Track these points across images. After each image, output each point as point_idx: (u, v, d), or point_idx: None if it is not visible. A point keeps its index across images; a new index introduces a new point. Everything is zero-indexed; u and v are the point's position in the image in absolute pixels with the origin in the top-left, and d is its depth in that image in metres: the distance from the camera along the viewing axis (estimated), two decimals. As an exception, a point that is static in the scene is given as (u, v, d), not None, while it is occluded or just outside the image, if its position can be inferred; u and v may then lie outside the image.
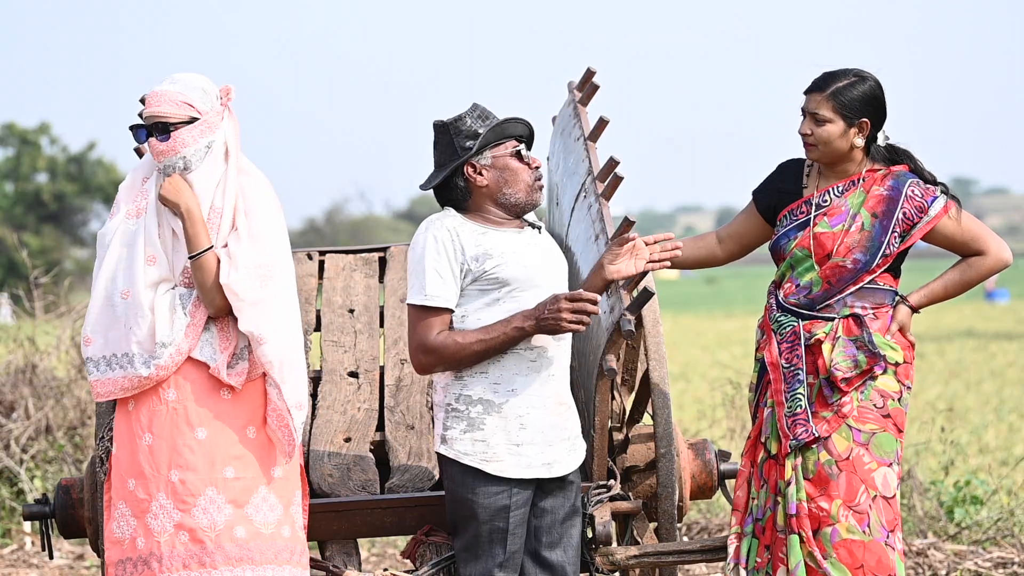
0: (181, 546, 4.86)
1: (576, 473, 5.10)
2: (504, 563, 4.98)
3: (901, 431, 5.20)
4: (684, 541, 5.46)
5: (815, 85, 5.21)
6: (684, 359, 23.53)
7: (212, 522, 4.88)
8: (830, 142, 5.18)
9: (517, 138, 5.02)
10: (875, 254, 5.17)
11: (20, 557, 9.22)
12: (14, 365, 10.49)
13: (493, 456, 4.94)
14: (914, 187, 5.19)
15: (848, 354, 5.15)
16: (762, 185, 5.39)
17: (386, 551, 9.18)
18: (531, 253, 5.00)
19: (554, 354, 4.98)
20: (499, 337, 4.90)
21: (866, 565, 5.08)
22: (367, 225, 68.29)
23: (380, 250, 6.67)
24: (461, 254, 4.93)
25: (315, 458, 5.62)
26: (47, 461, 9.99)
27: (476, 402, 4.94)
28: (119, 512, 4.93)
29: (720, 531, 8.91)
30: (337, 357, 6.11)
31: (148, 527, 4.88)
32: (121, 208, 4.98)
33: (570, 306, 4.86)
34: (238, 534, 4.90)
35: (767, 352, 5.27)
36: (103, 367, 4.93)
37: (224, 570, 4.87)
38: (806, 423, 5.14)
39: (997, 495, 9.15)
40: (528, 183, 5.00)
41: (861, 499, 5.11)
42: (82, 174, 52.47)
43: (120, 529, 4.92)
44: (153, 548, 4.87)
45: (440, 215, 5.01)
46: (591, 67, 6.47)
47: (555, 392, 4.99)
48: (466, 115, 5.00)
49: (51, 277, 11.79)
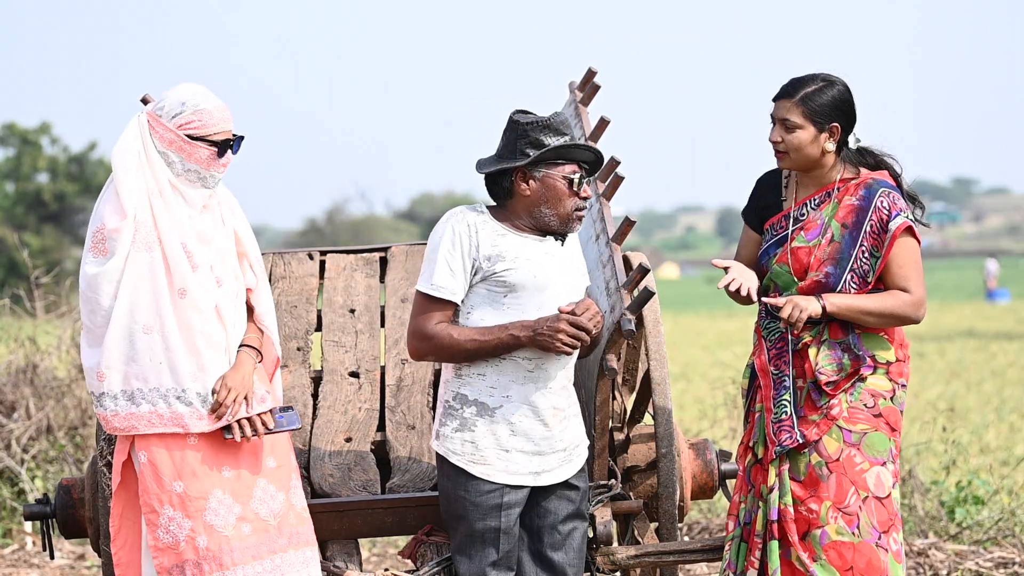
0: (247, 537, 4.91)
1: (582, 477, 5.10)
2: (498, 562, 4.98)
3: (895, 430, 5.18)
4: (685, 541, 5.46)
5: (783, 92, 5.17)
6: (685, 359, 23.53)
7: (271, 511, 4.96)
8: (801, 148, 5.15)
9: (580, 164, 4.98)
10: (845, 267, 5.12)
11: (21, 557, 9.22)
12: (15, 365, 10.49)
13: (481, 459, 4.95)
14: (883, 198, 5.13)
15: (834, 357, 5.13)
16: (747, 205, 5.38)
17: (387, 551, 9.18)
18: (545, 263, 4.98)
19: (553, 368, 4.98)
20: (493, 341, 4.90)
21: (856, 567, 5.07)
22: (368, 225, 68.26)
23: (381, 250, 6.67)
24: (476, 250, 4.94)
25: (316, 458, 5.62)
26: (48, 461, 9.99)
27: (471, 403, 4.96)
28: (165, 518, 4.89)
29: (720, 531, 8.91)
30: (338, 357, 6.11)
31: (210, 524, 4.89)
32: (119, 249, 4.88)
33: (569, 329, 4.87)
34: (291, 519, 4.99)
35: (757, 358, 5.27)
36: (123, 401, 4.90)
37: (291, 553, 4.96)
38: (791, 429, 5.13)
39: (998, 495, 9.15)
40: (567, 211, 4.97)
41: (851, 501, 5.09)
42: (83, 174, 52.45)
43: (171, 534, 4.89)
44: (221, 543, 4.88)
45: (466, 208, 5.03)
46: (592, 67, 6.48)
47: (551, 404, 4.99)
48: (540, 121, 4.94)
49: (52, 277, 11.80)
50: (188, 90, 4.99)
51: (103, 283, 4.89)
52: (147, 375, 4.88)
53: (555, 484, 5.03)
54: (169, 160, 4.96)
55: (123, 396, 4.89)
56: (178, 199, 4.97)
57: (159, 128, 4.96)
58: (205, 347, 4.91)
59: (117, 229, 4.89)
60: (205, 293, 4.93)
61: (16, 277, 35.69)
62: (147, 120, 4.98)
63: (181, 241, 4.93)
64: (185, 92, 4.98)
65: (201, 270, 4.94)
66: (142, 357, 4.87)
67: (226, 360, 4.95)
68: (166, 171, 4.96)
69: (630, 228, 5.40)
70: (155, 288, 4.89)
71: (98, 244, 4.92)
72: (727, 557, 5.25)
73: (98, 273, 4.89)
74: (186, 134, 4.93)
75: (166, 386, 4.88)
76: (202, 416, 4.88)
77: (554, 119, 4.95)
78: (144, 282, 4.89)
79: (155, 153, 4.97)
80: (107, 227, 4.90)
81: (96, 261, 4.91)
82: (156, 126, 4.96)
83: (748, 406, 5.33)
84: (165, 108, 4.97)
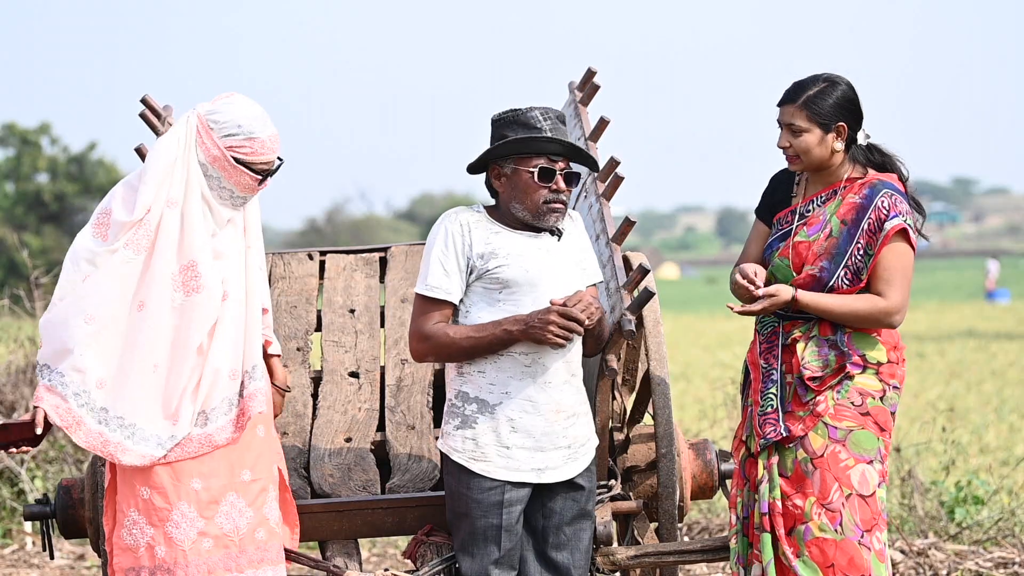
0: (206, 553, 4.84)
1: (588, 477, 5.09)
2: (500, 560, 4.98)
3: (884, 430, 5.17)
4: (685, 541, 5.46)
5: (787, 96, 5.17)
6: (685, 359, 23.53)
7: (235, 526, 4.88)
8: (809, 151, 5.15)
9: (552, 156, 4.96)
10: (840, 263, 5.12)
11: (21, 557, 9.22)
12: (15, 365, 10.50)
13: (481, 456, 4.96)
14: (885, 198, 5.12)
15: (821, 354, 5.14)
16: (760, 203, 5.39)
17: (387, 551, 9.18)
18: (538, 258, 4.98)
19: (550, 363, 4.98)
20: (487, 337, 4.91)
21: (837, 564, 5.07)
22: (368, 225, 68.32)
23: (381, 250, 6.67)
24: (469, 249, 4.95)
25: (316, 458, 5.62)
26: (48, 461, 9.99)
27: (472, 400, 4.97)
28: (130, 520, 4.86)
29: (721, 531, 8.91)
30: (338, 357, 6.11)
31: (169, 535, 4.83)
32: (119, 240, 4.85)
33: (560, 321, 4.87)
34: (259, 536, 4.92)
35: (749, 352, 5.30)
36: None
37: (249, 573, 4.88)
38: (776, 423, 5.14)
39: (998, 495, 9.16)
40: (536, 204, 4.95)
41: (834, 497, 5.09)
42: (83, 174, 52.45)
43: (132, 537, 4.86)
44: (177, 557, 4.82)
45: (461, 208, 5.04)
46: (592, 67, 6.49)
47: (552, 399, 4.98)
48: (508, 117, 4.96)
49: (51, 277, 11.79)
50: (246, 112, 4.89)
51: (83, 263, 4.83)
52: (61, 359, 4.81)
53: (560, 484, 5.03)
54: (208, 173, 4.90)
55: (45, 371, 4.82)
56: (205, 211, 4.91)
57: (208, 142, 4.88)
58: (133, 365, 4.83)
59: (121, 224, 4.85)
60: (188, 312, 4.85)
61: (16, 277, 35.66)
62: (196, 126, 4.89)
63: (189, 260, 4.86)
64: (243, 114, 4.88)
65: (207, 290, 4.87)
66: (77, 343, 4.80)
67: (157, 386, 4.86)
68: (202, 182, 4.90)
69: (630, 228, 5.40)
70: (121, 287, 4.84)
71: (102, 225, 4.87)
72: (735, 550, 5.26)
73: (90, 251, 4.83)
74: (233, 157, 4.87)
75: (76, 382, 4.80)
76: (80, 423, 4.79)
77: (524, 113, 4.94)
78: (114, 278, 4.84)
79: (195, 163, 4.89)
80: (113, 214, 4.86)
81: (94, 240, 4.86)
82: (205, 138, 4.88)
83: (743, 401, 5.35)
84: (219, 122, 4.88)
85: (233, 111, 4.89)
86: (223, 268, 4.93)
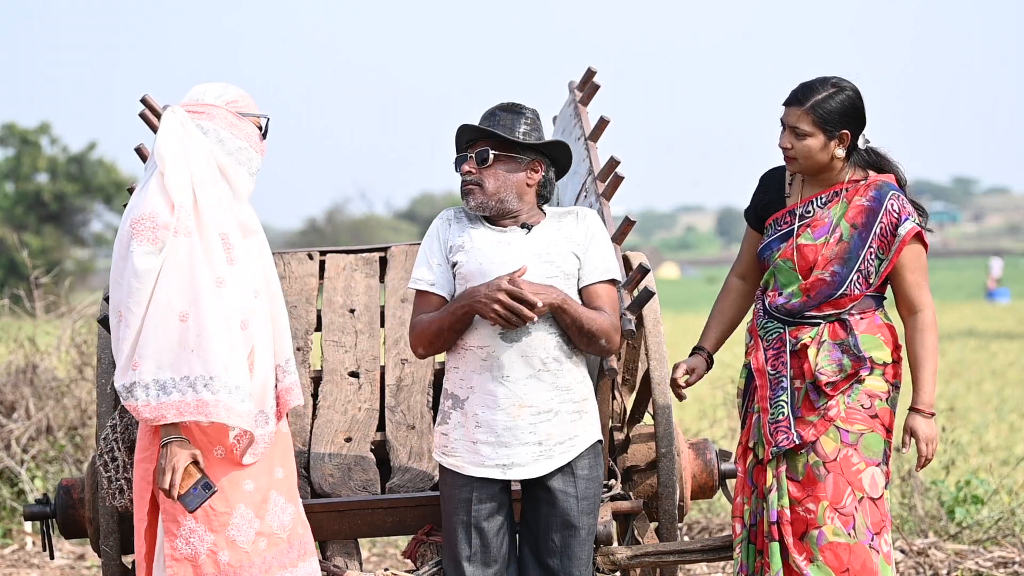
0: (264, 553, 4.82)
1: (575, 483, 4.99)
2: (472, 557, 4.97)
3: (889, 431, 5.19)
4: (685, 541, 5.46)
5: (793, 98, 5.14)
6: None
7: (281, 524, 4.89)
8: (810, 156, 5.14)
9: (469, 143, 5.01)
10: (852, 267, 5.12)
11: (21, 557, 9.23)
12: (15, 365, 10.50)
13: (452, 451, 4.99)
14: (894, 201, 5.13)
15: (833, 358, 5.13)
16: (750, 203, 5.37)
17: (387, 551, 9.19)
18: (497, 251, 4.98)
19: (504, 356, 4.93)
20: (448, 318, 4.93)
21: (851, 568, 5.07)
22: (368, 225, 68.27)
23: (381, 250, 6.67)
24: (447, 243, 5.03)
25: (316, 458, 5.62)
26: (48, 461, 9.99)
27: (448, 396, 5.03)
28: (186, 529, 4.76)
29: (721, 531, 8.91)
30: (338, 357, 6.11)
31: (232, 540, 4.78)
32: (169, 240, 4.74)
33: (505, 300, 4.84)
34: (300, 530, 4.94)
35: (753, 358, 5.27)
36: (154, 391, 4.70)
37: (301, 566, 4.90)
38: (788, 430, 5.13)
39: (998, 495, 9.15)
40: (461, 190, 5.04)
41: (847, 501, 5.09)
42: (83, 174, 52.41)
43: (190, 546, 4.76)
44: (243, 560, 4.78)
45: (457, 206, 5.10)
46: (592, 67, 6.49)
47: (514, 394, 4.93)
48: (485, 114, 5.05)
49: (51, 277, 11.80)
50: (216, 85, 4.97)
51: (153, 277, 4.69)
52: (179, 364, 4.68)
53: (541, 490, 5.00)
54: (220, 137, 4.86)
55: (155, 386, 4.68)
56: (224, 186, 4.86)
57: (207, 110, 4.87)
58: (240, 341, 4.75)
59: (167, 223, 4.73)
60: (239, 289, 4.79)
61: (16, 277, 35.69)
62: (184, 112, 4.86)
63: (220, 232, 4.79)
64: (214, 86, 4.96)
65: (239, 263, 4.82)
66: (175, 346, 4.68)
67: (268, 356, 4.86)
68: (215, 151, 4.85)
69: (630, 228, 5.40)
70: (193, 275, 4.72)
71: (147, 232, 4.71)
72: (739, 560, 5.24)
73: (152, 267, 4.69)
74: (235, 110, 4.91)
75: (195, 373, 4.68)
76: (229, 408, 4.68)
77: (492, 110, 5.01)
78: (182, 269, 4.71)
79: (200, 138, 4.83)
80: (158, 218, 4.73)
81: (150, 251, 4.70)
82: (203, 109, 4.88)
83: (745, 407, 5.33)
84: (208, 95, 4.92)
85: (206, 87, 4.97)
86: (251, 249, 4.89)
